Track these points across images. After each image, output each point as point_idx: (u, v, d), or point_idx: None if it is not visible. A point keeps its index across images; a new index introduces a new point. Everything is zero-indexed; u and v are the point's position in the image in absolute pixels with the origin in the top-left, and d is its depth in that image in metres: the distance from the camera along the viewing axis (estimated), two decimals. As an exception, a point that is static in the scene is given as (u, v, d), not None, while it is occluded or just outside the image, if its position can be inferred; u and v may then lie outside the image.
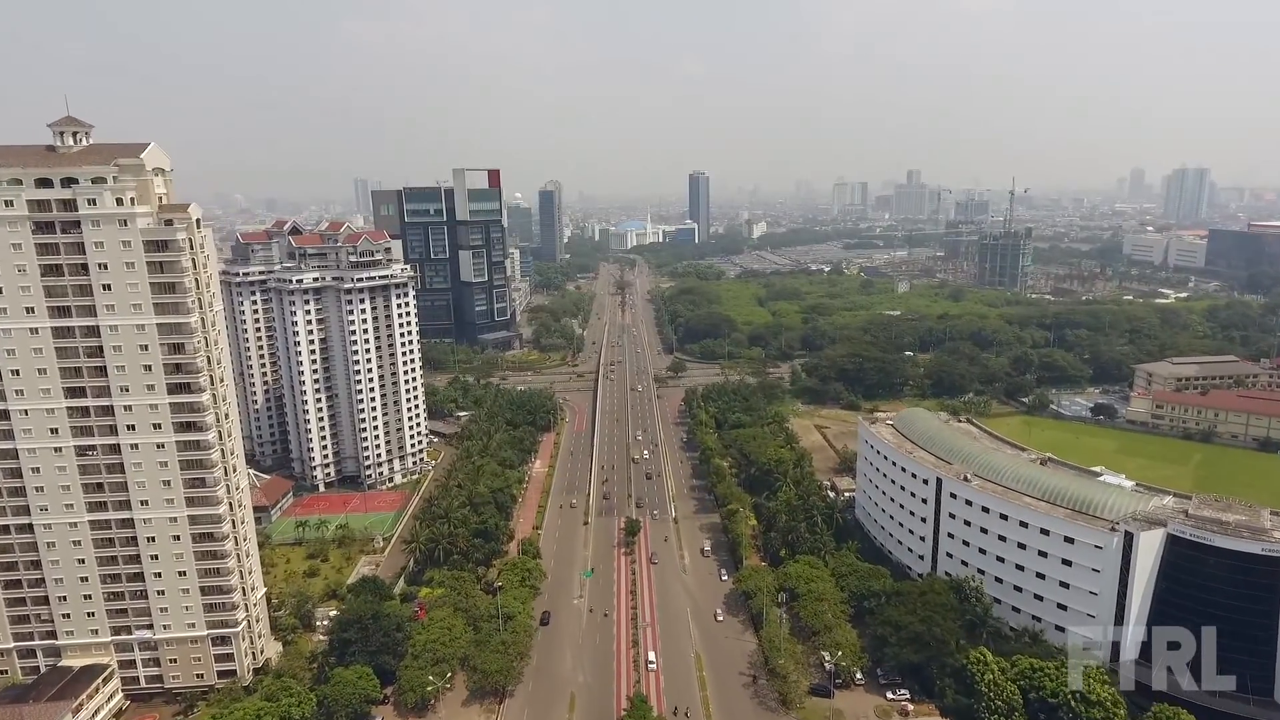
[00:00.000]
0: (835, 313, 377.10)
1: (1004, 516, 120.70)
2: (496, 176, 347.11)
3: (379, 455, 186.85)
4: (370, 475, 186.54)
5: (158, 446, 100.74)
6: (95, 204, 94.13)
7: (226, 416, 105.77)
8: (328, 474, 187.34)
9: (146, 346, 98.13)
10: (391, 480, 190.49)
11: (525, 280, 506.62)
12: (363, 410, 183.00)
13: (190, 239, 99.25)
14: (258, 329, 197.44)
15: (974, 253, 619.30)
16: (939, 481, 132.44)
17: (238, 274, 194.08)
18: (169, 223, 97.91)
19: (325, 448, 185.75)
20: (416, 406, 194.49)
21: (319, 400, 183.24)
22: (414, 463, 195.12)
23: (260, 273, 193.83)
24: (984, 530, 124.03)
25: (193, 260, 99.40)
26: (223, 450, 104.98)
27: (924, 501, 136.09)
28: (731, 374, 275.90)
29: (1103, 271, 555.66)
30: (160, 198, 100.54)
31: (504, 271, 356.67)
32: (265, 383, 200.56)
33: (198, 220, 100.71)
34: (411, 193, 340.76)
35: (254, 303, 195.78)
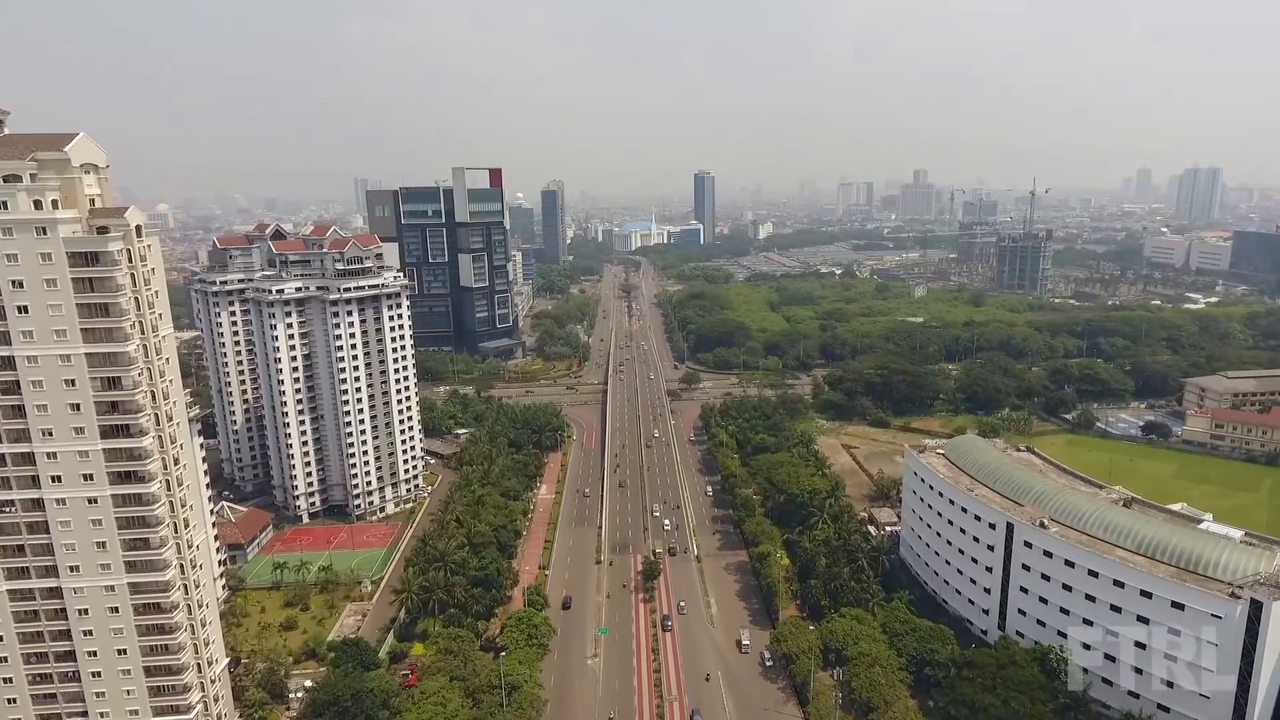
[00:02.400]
0: (853, 319, 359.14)
1: (1093, 573, 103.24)
2: (498, 176, 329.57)
3: (369, 483, 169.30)
4: (359, 505, 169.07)
5: (89, 502, 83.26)
6: (7, 207, 76.72)
7: (177, 462, 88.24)
8: (312, 504, 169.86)
9: (74, 381, 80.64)
10: (383, 510, 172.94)
11: (528, 284, 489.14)
12: (351, 434, 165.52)
13: (129, 250, 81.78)
14: (236, 342, 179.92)
15: (989, 255, 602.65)
16: (1009, 527, 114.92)
17: (214, 282, 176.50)
18: (101, 230, 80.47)
19: (309, 475, 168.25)
20: (411, 428, 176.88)
21: (302, 423, 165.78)
22: (408, 490, 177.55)
23: (239, 281, 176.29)
24: (1067, 588, 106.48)
25: (131, 276, 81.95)
26: (172, 503, 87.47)
27: (990, 549, 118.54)
28: (749, 386, 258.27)
29: (1124, 274, 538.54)
30: (92, 200, 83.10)
31: (506, 276, 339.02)
32: (246, 401, 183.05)
33: (139, 227, 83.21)
34: (409, 193, 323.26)
35: (232, 314, 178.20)
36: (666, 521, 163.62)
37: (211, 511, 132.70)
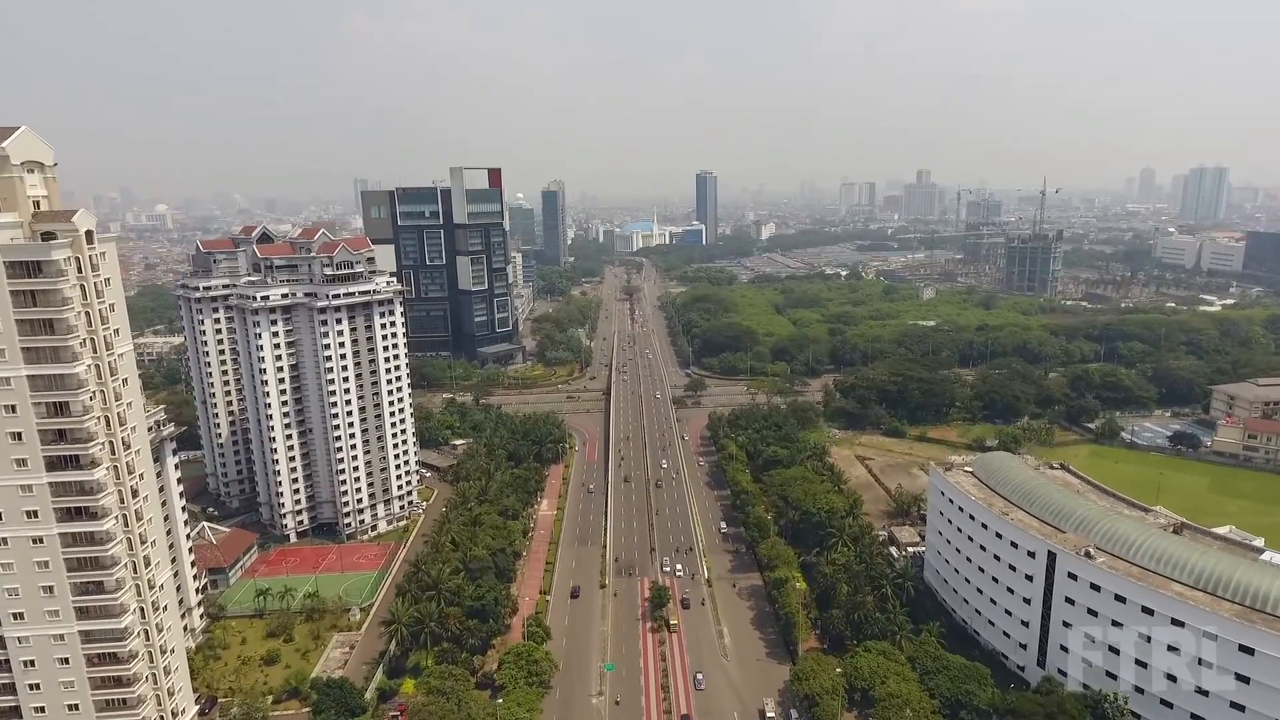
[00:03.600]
0: (861, 322, 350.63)
1: (1147, 610, 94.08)
2: (497, 176, 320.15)
3: (359, 501, 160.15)
4: (349, 524, 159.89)
5: (34, 541, 74.32)
6: (-65, 212, 67.84)
7: (136, 494, 79.15)
8: (300, 523, 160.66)
9: (14, 408, 71.70)
10: (375, 528, 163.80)
11: (528, 286, 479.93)
12: (340, 449, 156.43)
13: (78, 258, 72.79)
14: (221, 351, 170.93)
15: (996, 256, 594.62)
16: (1051, 556, 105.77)
17: (197, 288, 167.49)
18: (46, 236, 71.51)
19: (297, 493, 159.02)
20: (404, 442, 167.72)
21: (289, 437, 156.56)
22: (401, 507, 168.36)
23: (224, 286, 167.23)
24: (1117, 624, 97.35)
25: (81, 287, 72.95)
26: (130, 540, 78.44)
27: (1029, 579, 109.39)
28: (757, 393, 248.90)
29: (1134, 276, 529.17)
30: (37, 203, 74.08)
31: (505, 278, 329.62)
32: (231, 413, 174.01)
33: (89, 232, 74.18)
34: (405, 194, 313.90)
35: (216, 321, 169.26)
36: (679, 568, 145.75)
37: (188, 536, 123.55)
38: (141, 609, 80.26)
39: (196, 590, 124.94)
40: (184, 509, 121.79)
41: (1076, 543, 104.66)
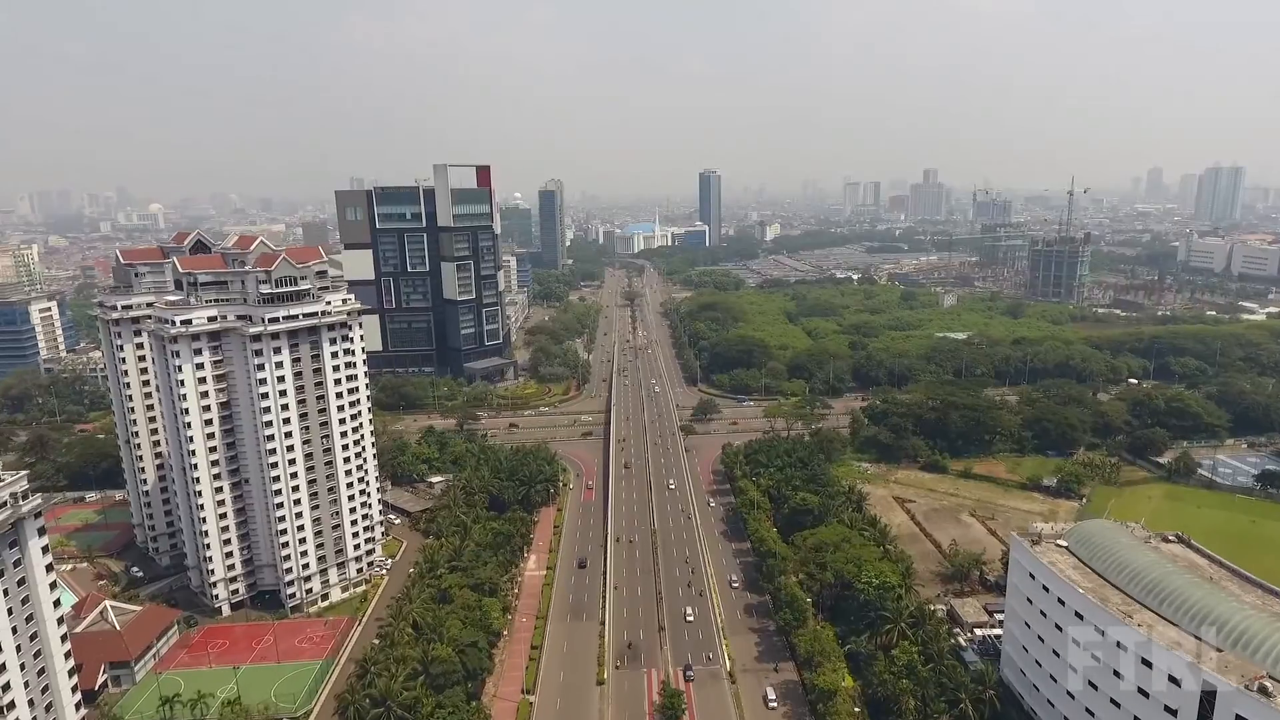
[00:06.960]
0: (881, 333, 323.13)
1: (1370, 786, 66.45)
2: (486, 174, 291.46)
3: (306, 565, 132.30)
4: (294, 593, 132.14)
5: None
6: None
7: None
8: (235, 591, 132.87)
9: None
10: (326, 597, 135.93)
11: (523, 291, 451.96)
12: (281, 504, 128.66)
13: None
14: (145, 381, 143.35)
15: (1014, 258, 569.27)
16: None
17: (115, 306, 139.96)
18: None
19: (230, 555, 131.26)
20: (364, 492, 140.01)
21: (219, 489, 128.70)
22: (359, 570, 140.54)
23: (148, 305, 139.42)
24: (1317, 798, 69.76)
25: None
26: None
27: (1170, 712, 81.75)
28: (776, 418, 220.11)
29: (1161, 280, 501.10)
30: None
31: (495, 286, 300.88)
32: (159, 454, 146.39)
33: None
34: (384, 193, 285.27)
35: (139, 346, 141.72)
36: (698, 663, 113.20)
37: (65, 638, 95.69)
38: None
39: (78, 705, 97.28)
40: (57, 603, 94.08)
41: (1246, 673, 76.68)
